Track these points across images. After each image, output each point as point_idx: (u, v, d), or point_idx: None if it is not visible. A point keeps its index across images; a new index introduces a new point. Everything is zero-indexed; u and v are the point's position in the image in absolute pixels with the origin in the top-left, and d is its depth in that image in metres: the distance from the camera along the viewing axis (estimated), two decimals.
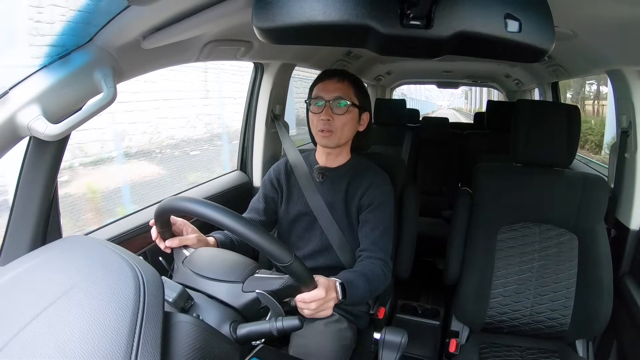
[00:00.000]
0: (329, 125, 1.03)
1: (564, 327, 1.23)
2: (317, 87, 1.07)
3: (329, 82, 1.06)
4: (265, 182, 1.18)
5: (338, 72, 1.08)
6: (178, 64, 1.00)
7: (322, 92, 1.05)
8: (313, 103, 1.06)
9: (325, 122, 1.03)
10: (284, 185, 1.15)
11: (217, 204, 0.67)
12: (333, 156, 1.13)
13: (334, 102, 1.03)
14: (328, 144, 1.07)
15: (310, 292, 0.75)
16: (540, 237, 1.25)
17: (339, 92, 1.04)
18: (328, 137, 1.05)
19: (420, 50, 0.62)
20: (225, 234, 1.02)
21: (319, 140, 1.08)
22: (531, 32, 0.53)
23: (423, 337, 1.66)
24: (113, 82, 0.73)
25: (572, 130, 1.19)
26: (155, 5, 0.63)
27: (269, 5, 0.53)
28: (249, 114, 1.67)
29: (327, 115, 1.03)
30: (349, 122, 1.06)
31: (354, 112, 1.06)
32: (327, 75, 1.08)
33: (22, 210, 0.76)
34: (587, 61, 1.47)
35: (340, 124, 1.04)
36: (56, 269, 0.56)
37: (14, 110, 0.65)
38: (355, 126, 1.09)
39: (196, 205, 0.68)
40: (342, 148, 1.12)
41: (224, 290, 0.72)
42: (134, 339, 0.46)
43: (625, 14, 0.90)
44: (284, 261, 0.66)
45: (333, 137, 1.05)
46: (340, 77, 1.06)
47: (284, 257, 0.66)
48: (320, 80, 1.08)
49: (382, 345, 0.90)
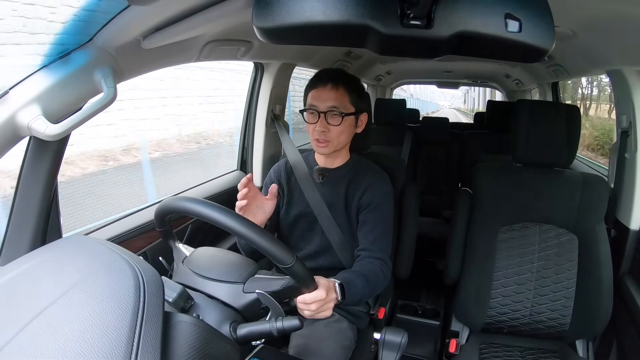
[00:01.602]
0: (325, 135, 1.02)
1: (564, 327, 1.23)
2: (311, 94, 1.04)
3: (323, 90, 1.02)
4: (267, 184, 1.17)
5: (332, 76, 1.04)
6: (178, 64, 1.00)
7: (316, 101, 1.02)
8: (308, 112, 1.04)
9: (320, 133, 1.02)
10: (284, 186, 1.15)
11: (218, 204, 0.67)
12: (332, 158, 1.13)
13: (328, 112, 1.01)
14: (325, 152, 1.06)
15: (311, 294, 0.74)
16: (540, 237, 1.25)
17: (332, 101, 1.01)
18: (325, 146, 1.04)
19: (420, 50, 0.62)
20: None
21: (316, 148, 1.07)
22: (531, 32, 0.52)
23: (423, 337, 1.66)
24: (113, 82, 0.73)
25: (572, 130, 1.19)
26: (155, 5, 0.63)
27: (269, 5, 0.53)
28: (249, 114, 1.66)
29: (322, 126, 1.01)
30: (345, 130, 1.04)
31: (349, 119, 1.04)
32: (321, 82, 1.03)
33: (22, 210, 0.76)
34: (587, 61, 1.47)
35: (336, 134, 1.03)
36: (56, 269, 0.56)
37: (14, 110, 0.65)
38: (353, 130, 1.08)
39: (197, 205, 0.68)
40: (340, 151, 1.11)
41: (225, 291, 0.72)
42: (134, 339, 0.46)
43: (626, 14, 0.90)
44: (286, 262, 0.66)
45: (330, 145, 1.04)
46: (334, 84, 1.02)
47: (286, 258, 0.66)
48: (314, 87, 1.04)
49: (382, 345, 0.91)
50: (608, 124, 5.35)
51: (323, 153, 1.07)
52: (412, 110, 3.62)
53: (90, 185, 2.80)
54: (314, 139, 1.05)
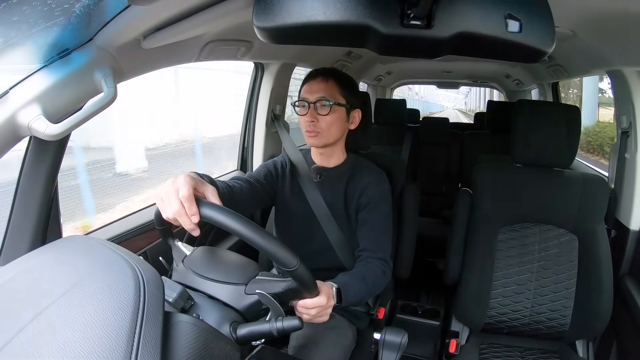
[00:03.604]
0: (314, 126, 1.03)
1: (564, 328, 1.23)
2: (304, 88, 1.07)
3: (313, 82, 1.05)
4: (260, 170, 1.13)
5: (323, 71, 1.07)
6: (178, 64, 1.00)
7: (306, 94, 1.05)
8: (299, 105, 1.06)
9: (310, 123, 1.03)
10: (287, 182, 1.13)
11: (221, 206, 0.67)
12: (326, 156, 1.13)
13: (317, 102, 1.03)
14: (315, 144, 1.07)
15: (313, 299, 0.75)
16: (540, 238, 1.25)
17: (322, 92, 1.03)
18: (314, 137, 1.05)
19: (420, 50, 0.62)
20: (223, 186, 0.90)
21: (307, 139, 1.08)
22: (532, 32, 0.52)
23: (423, 337, 1.66)
24: (113, 82, 0.73)
25: (572, 131, 1.19)
26: (156, 5, 0.63)
27: (269, 5, 0.53)
28: (249, 114, 1.67)
29: (311, 116, 1.03)
30: (335, 122, 1.04)
31: (339, 111, 1.05)
32: (312, 76, 1.07)
33: (22, 210, 0.76)
34: (588, 61, 1.47)
35: (326, 125, 1.03)
36: (56, 269, 0.56)
37: (14, 110, 0.65)
38: (344, 125, 1.08)
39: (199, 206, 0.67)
40: (334, 148, 1.11)
41: (226, 292, 0.71)
42: (134, 339, 0.46)
43: (625, 14, 0.90)
44: (290, 266, 0.66)
45: (320, 137, 1.05)
46: (324, 76, 1.05)
47: (290, 261, 0.66)
48: (306, 82, 1.07)
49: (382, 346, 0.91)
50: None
51: (313, 145, 1.08)
52: (412, 111, 3.62)
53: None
54: (304, 131, 1.06)
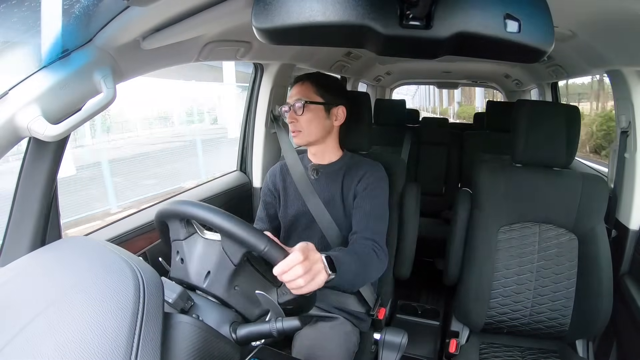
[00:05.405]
0: (294, 126, 1.12)
1: (563, 327, 1.23)
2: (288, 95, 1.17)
3: (294, 88, 1.15)
4: (264, 190, 1.23)
5: (301, 77, 1.16)
6: (178, 64, 1.00)
7: (288, 99, 1.15)
8: (285, 110, 1.14)
9: (291, 124, 1.12)
10: (280, 189, 1.19)
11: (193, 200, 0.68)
12: (319, 154, 1.17)
13: (295, 104, 1.11)
14: (299, 142, 1.14)
15: (284, 260, 0.67)
16: (540, 237, 1.25)
17: (298, 94, 1.12)
18: (297, 136, 1.13)
19: (419, 51, 0.62)
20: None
21: (293, 140, 1.16)
22: (531, 32, 0.52)
23: (423, 337, 1.66)
24: (113, 82, 0.73)
25: (572, 131, 1.19)
26: (155, 6, 0.63)
27: (269, 5, 0.53)
28: (249, 114, 1.67)
29: (291, 117, 1.12)
30: (313, 120, 1.11)
31: (315, 109, 1.11)
32: (293, 84, 1.17)
33: (22, 210, 0.76)
34: (587, 61, 1.47)
35: (305, 123, 1.11)
36: (56, 270, 0.56)
37: (14, 110, 0.65)
38: (324, 122, 1.13)
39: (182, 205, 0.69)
40: (324, 145, 1.16)
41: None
42: (133, 340, 0.46)
43: (625, 14, 0.90)
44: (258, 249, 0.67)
45: (301, 135, 1.12)
46: (301, 81, 1.14)
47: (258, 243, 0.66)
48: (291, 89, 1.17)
49: (383, 346, 0.91)
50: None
51: (298, 143, 1.15)
52: (411, 111, 3.62)
53: None
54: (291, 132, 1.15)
